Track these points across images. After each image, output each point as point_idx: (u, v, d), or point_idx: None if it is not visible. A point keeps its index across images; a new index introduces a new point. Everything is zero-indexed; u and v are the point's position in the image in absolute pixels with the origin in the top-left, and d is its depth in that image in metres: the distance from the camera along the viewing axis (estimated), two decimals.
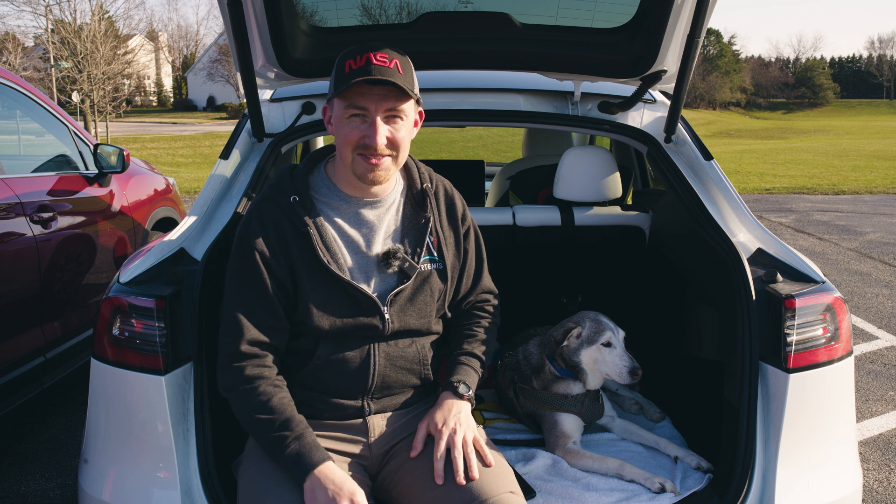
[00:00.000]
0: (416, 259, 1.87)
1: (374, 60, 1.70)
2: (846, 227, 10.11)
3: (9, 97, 3.72)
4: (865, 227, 10.10)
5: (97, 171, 4.11)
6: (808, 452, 1.96)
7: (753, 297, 1.99)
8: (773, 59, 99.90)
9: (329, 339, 1.82)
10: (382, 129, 1.75)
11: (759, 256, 2.18)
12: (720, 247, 2.16)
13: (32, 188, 3.49)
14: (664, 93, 2.93)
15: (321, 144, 3.56)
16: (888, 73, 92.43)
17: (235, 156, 2.53)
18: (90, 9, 33.99)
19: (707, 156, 2.52)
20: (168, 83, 69.81)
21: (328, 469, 1.66)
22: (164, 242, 2.11)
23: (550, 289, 3.04)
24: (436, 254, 1.92)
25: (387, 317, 1.83)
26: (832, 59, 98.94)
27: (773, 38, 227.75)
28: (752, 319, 1.98)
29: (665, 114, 2.72)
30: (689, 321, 2.46)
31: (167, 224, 4.83)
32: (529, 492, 1.94)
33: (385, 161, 1.79)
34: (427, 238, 1.90)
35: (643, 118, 2.80)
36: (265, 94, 2.88)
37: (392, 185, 1.91)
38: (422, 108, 1.89)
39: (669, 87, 2.61)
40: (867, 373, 4.56)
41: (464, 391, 1.86)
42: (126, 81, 44.01)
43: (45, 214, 3.46)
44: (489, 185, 4.42)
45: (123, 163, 4.09)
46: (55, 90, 30.81)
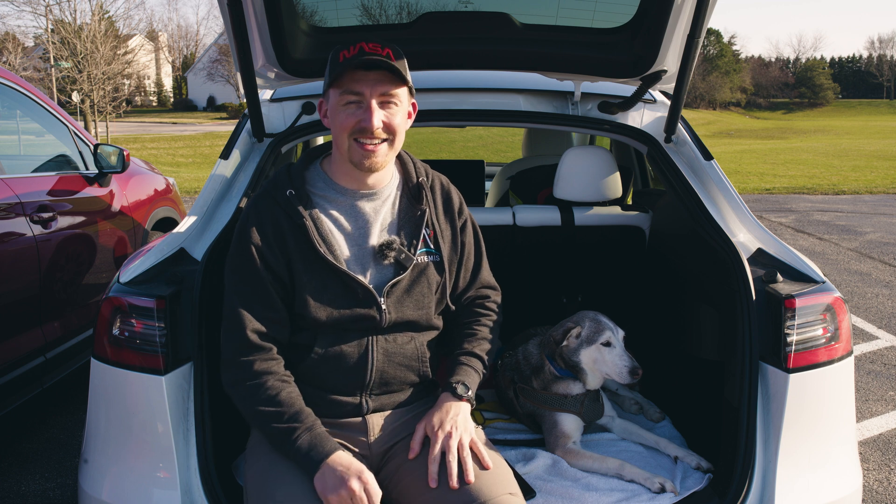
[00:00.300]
0: (413, 251, 1.88)
1: (367, 48, 1.76)
2: (846, 227, 10.11)
3: (9, 97, 3.72)
4: (865, 227, 10.10)
5: (97, 171, 4.11)
6: (808, 452, 1.96)
7: (753, 297, 1.99)
8: (773, 59, 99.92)
9: (327, 332, 1.83)
10: (378, 113, 1.78)
11: (759, 256, 2.18)
12: (720, 247, 2.16)
13: (32, 188, 3.49)
14: (664, 93, 2.93)
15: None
16: (888, 73, 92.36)
17: (235, 156, 2.53)
18: (90, 9, 34.05)
19: (707, 156, 2.52)
20: (168, 83, 69.77)
21: (338, 456, 1.67)
22: (164, 242, 2.11)
23: (550, 289, 3.04)
24: (432, 245, 1.93)
25: (384, 307, 1.83)
26: (832, 59, 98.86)
27: (773, 38, 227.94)
28: (752, 319, 1.98)
29: (665, 114, 2.72)
30: (689, 321, 2.46)
31: (167, 224, 4.83)
32: (529, 492, 1.94)
33: (381, 147, 1.81)
34: (423, 230, 1.91)
35: (643, 118, 2.80)
36: (265, 94, 2.88)
37: (388, 178, 1.92)
38: (415, 101, 1.91)
39: (669, 87, 2.61)
40: (867, 373, 4.55)
41: (463, 392, 1.85)
42: (126, 81, 44.02)
43: (45, 214, 3.46)
44: (489, 185, 4.42)
45: (123, 163, 4.10)
46: (55, 90, 30.81)
